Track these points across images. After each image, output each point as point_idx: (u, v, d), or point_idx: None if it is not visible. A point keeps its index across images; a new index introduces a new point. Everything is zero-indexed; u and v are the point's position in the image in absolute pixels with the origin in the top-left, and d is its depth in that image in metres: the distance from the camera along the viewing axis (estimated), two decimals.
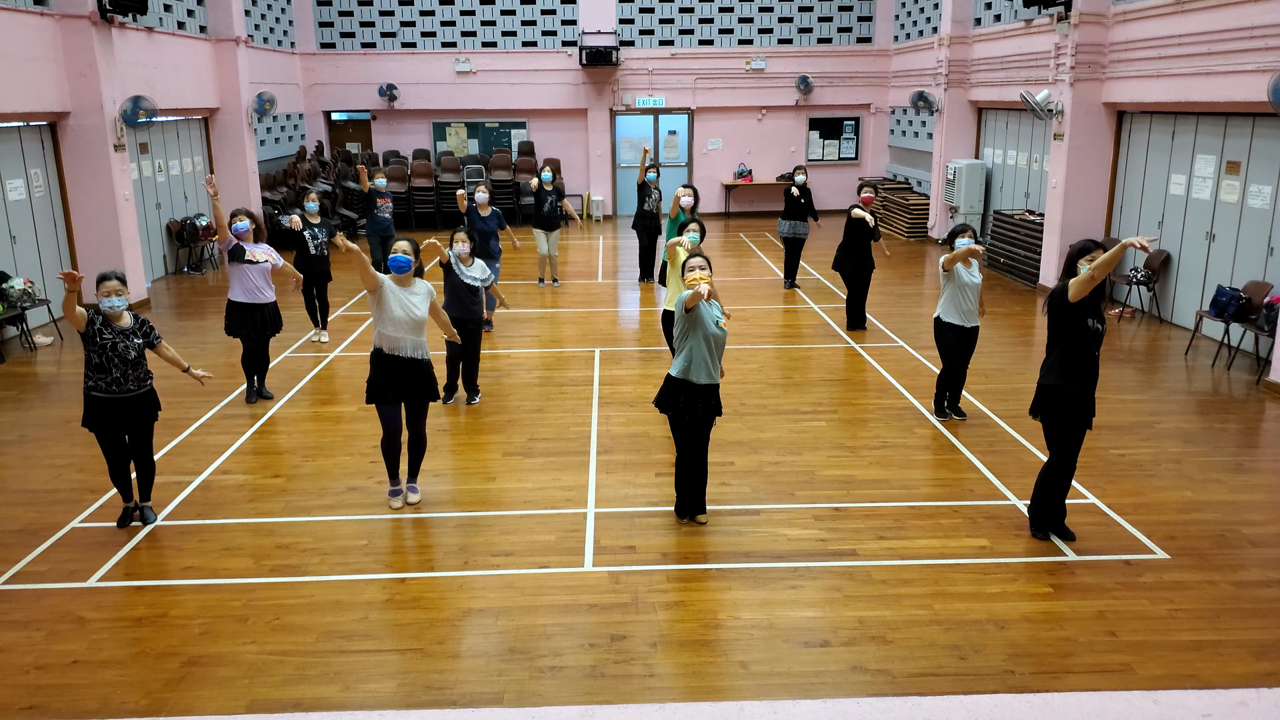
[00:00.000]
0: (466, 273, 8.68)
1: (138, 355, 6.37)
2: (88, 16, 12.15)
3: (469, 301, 8.75)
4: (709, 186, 22.60)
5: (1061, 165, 13.40)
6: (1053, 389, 5.96)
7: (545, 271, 14.71)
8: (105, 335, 6.23)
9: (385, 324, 6.51)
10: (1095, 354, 5.93)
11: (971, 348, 8.42)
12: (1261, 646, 5.08)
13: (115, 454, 6.50)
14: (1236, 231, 10.85)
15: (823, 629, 5.29)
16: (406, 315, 6.50)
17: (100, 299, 6.23)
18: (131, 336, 6.33)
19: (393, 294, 6.49)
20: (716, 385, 6.33)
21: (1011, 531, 6.41)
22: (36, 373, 10.43)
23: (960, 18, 17.46)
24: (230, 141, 17.11)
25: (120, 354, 6.26)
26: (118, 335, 6.27)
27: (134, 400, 6.40)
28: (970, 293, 8.18)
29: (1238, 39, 10.26)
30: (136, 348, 6.35)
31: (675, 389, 6.27)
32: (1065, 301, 5.86)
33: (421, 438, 6.90)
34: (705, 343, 6.16)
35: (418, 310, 6.56)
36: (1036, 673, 4.86)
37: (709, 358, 6.20)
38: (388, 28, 21.70)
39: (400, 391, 6.63)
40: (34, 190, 12.20)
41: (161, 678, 4.88)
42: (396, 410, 6.70)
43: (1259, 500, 6.92)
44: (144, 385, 6.45)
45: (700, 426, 6.38)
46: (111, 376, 6.27)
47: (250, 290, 8.92)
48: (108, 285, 6.24)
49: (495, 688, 4.79)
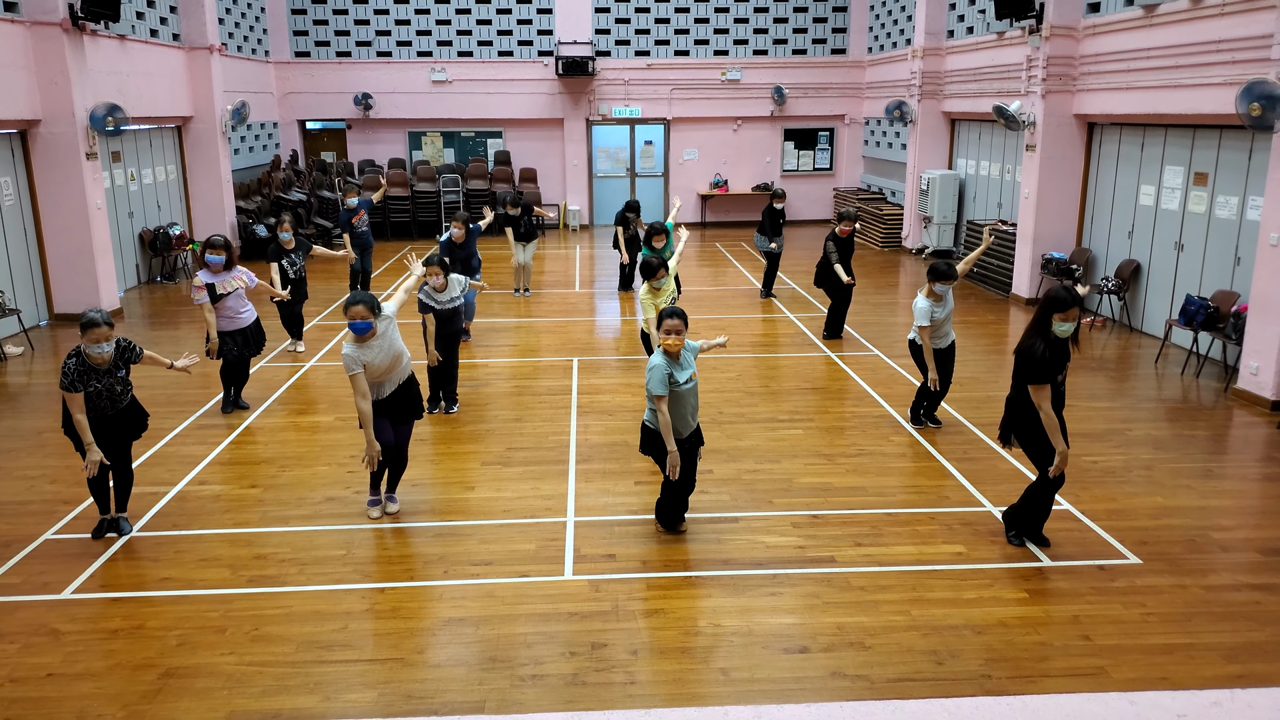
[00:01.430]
0: (440, 300, 8.60)
1: (123, 386, 6.33)
2: (59, 24, 12.05)
3: (452, 324, 8.81)
4: (685, 196, 22.68)
5: (1033, 176, 13.57)
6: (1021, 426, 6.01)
7: (519, 281, 14.72)
8: (93, 384, 6.10)
9: (372, 374, 6.39)
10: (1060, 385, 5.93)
11: (951, 364, 8.50)
12: (1231, 649, 5.16)
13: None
14: (1204, 241, 11.02)
15: (802, 635, 5.32)
16: (386, 355, 6.41)
17: (89, 346, 6.01)
18: (115, 372, 6.22)
19: (367, 353, 6.32)
20: (695, 428, 6.29)
21: (987, 538, 6.47)
22: (7, 383, 10.32)
23: (933, 30, 17.65)
24: (204, 150, 16.99)
25: (106, 391, 6.19)
26: (102, 376, 6.15)
27: (116, 417, 6.37)
28: (944, 321, 8.26)
29: (1205, 52, 10.44)
30: (120, 380, 6.28)
31: (653, 437, 6.20)
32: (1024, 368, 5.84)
33: (404, 453, 6.88)
34: (678, 402, 6.09)
35: (395, 345, 6.49)
36: (1013, 677, 4.92)
37: (685, 413, 6.16)
38: (363, 37, 21.65)
39: (390, 412, 6.63)
40: (4, 199, 12.08)
41: (139, 690, 4.84)
42: (385, 424, 6.63)
43: (1228, 505, 7.03)
44: (125, 399, 6.39)
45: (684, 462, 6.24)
46: (99, 409, 6.20)
47: (230, 318, 8.88)
48: (95, 333, 5.99)
49: (476, 696, 4.79)
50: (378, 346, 6.36)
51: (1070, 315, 5.72)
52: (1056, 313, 5.74)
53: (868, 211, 20.20)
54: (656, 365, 5.98)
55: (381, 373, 6.44)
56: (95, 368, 6.10)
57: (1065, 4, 12.77)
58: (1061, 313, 5.73)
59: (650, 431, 6.21)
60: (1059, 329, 5.76)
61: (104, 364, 6.12)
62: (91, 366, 6.08)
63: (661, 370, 5.95)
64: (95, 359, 6.06)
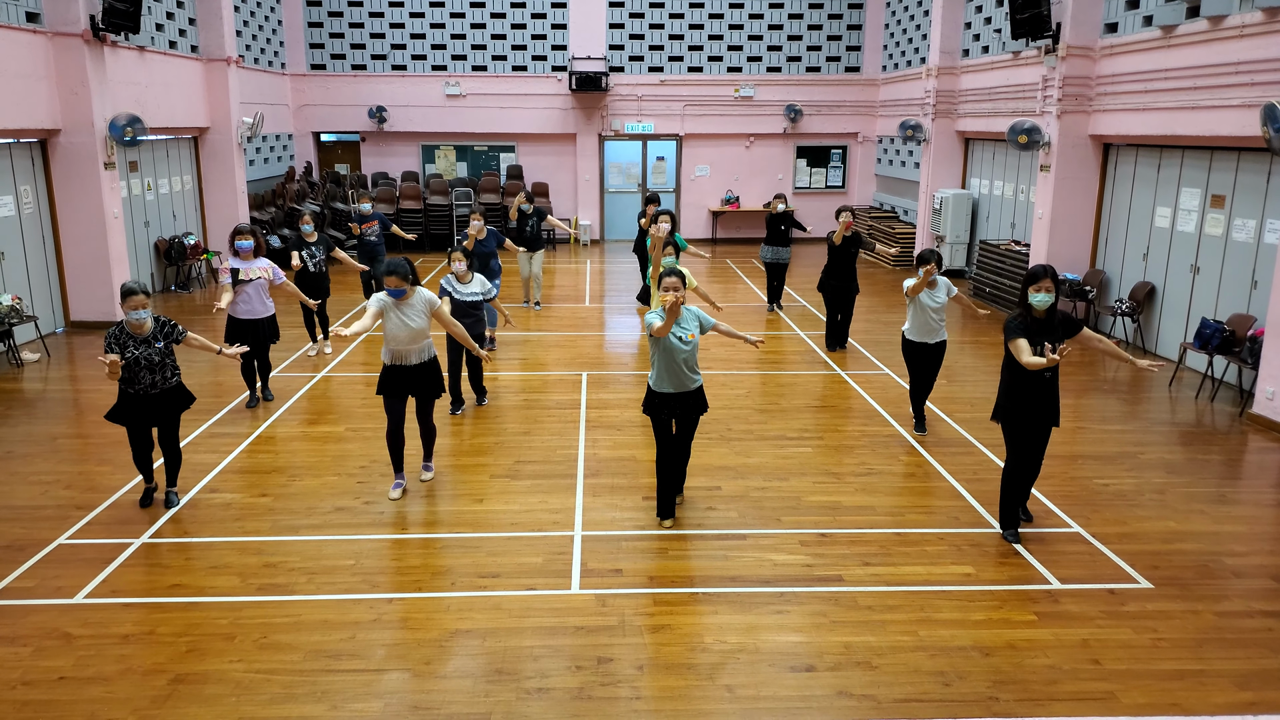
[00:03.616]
0: (461, 290, 8.95)
1: (161, 359, 6.82)
2: (80, 35, 12.18)
3: (468, 317, 9.00)
4: (696, 213, 22.78)
5: (1048, 196, 13.56)
6: (998, 406, 6.66)
7: (529, 293, 14.80)
8: (130, 350, 6.68)
9: (389, 340, 7.12)
10: (1044, 375, 6.37)
11: (938, 362, 8.86)
12: (1244, 676, 5.12)
13: (139, 443, 7.00)
14: (1221, 264, 10.99)
15: (808, 654, 5.30)
16: (405, 329, 7.05)
17: (128, 312, 6.67)
18: (154, 342, 6.78)
19: (390, 311, 7.05)
20: (690, 392, 6.68)
21: (996, 559, 6.45)
22: (23, 389, 10.39)
23: (948, 49, 17.68)
24: (220, 161, 17.11)
25: (146, 362, 6.73)
26: (140, 344, 6.71)
27: (161, 396, 6.90)
28: (933, 314, 8.62)
29: (1224, 74, 10.44)
30: (159, 351, 6.81)
31: (651, 395, 6.74)
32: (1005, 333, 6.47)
33: (431, 427, 7.60)
34: (669, 354, 6.54)
35: (414, 323, 7.07)
36: (1020, 700, 4.89)
37: (678, 368, 6.56)
38: (378, 50, 21.81)
39: (407, 390, 7.25)
40: (24, 207, 12.19)
41: (149, 694, 4.85)
42: (401, 404, 7.28)
43: (1241, 531, 6.98)
44: (170, 381, 6.94)
45: (680, 427, 6.80)
46: (141, 383, 6.77)
47: (248, 309, 9.25)
48: (134, 300, 6.66)
49: (482, 708, 4.79)
50: (402, 316, 7.03)
51: (1042, 286, 6.27)
52: (1030, 285, 6.32)
53: (880, 230, 20.21)
54: (654, 313, 6.52)
55: (402, 342, 7.09)
56: (133, 335, 6.72)
57: (1083, 24, 12.79)
58: (1034, 284, 6.30)
59: (649, 389, 6.73)
60: (1035, 300, 6.30)
61: (142, 332, 6.74)
62: (130, 334, 6.72)
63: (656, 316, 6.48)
64: (134, 325, 6.71)
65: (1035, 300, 6.30)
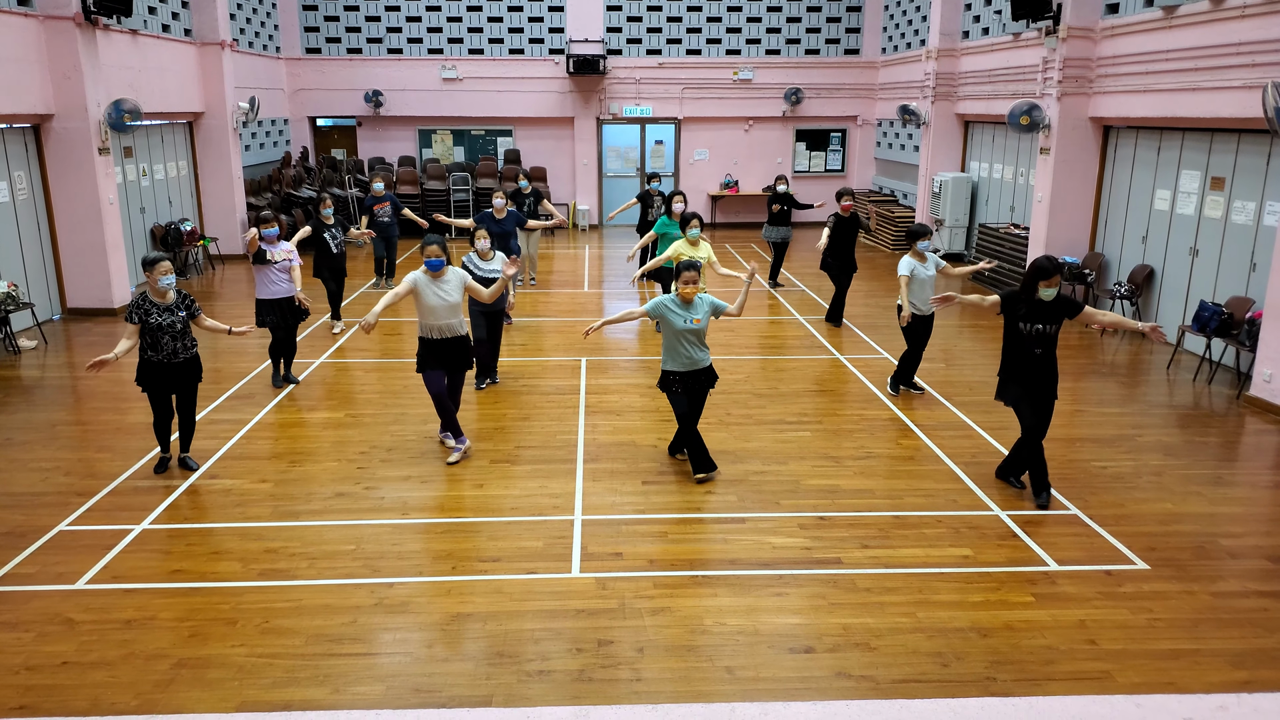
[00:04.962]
0: (483, 267, 9.19)
1: (184, 326, 7.24)
2: (72, 18, 12.10)
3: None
4: (695, 197, 22.70)
5: (1047, 179, 13.54)
6: (999, 383, 7.10)
7: (523, 271, 14.86)
8: (154, 317, 7.09)
9: (425, 314, 7.59)
10: (1036, 351, 6.78)
11: (928, 332, 9.40)
12: (1238, 655, 5.16)
13: (161, 410, 7.41)
14: (1220, 247, 10.99)
15: (807, 635, 5.33)
16: (442, 302, 7.55)
17: (159, 278, 7.07)
18: (177, 310, 7.18)
19: (427, 288, 7.53)
20: (698, 370, 7.24)
21: (994, 541, 6.48)
22: (20, 376, 10.39)
23: (948, 31, 17.61)
24: (215, 146, 17.05)
25: (169, 328, 7.12)
26: (164, 312, 7.11)
27: (182, 365, 7.30)
28: (927, 285, 9.14)
29: (1225, 55, 10.40)
30: (182, 320, 7.23)
31: (665, 374, 7.31)
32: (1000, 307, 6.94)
33: (458, 395, 8.11)
34: (677, 337, 7.11)
35: (451, 297, 7.59)
36: (1018, 680, 4.92)
37: (684, 348, 7.14)
38: (374, 34, 21.71)
39: (443, 362, 7.71)
40: (17, 193, 12.15)
41: (151, 679, 4.88)
42: (441, 375, 7.71)
43: (1237, 513, 7.01)
44: (190, 351, 7.34)
45: (692, 401, 7.31)
46: (164, 349, 7.15)
47: (274, 289, 9.54)
48: (163, 265, 7.08)
49: (483, 691, 4.82)
50: (439, 290, 7.53)
51: (1053, 282, 6.66)
52: (1041, 280, 6.67)
53: (879, 214, 20.18)
54: (662, 299, 7.12)
55: (441, 315, 7.58)
56: (156, 304, 7.11)
57: (1083, 5, 12.73)
58: (1046, 280, 6.66)
59: (664, 371, 7.30)
60: (1043, 294, 6.70)
61: (166, 300, 7.15)
62: (153, 302, 7.11)
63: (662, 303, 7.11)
64: (159, 293, 7.12)
65: (1043, 295, 6.69)
